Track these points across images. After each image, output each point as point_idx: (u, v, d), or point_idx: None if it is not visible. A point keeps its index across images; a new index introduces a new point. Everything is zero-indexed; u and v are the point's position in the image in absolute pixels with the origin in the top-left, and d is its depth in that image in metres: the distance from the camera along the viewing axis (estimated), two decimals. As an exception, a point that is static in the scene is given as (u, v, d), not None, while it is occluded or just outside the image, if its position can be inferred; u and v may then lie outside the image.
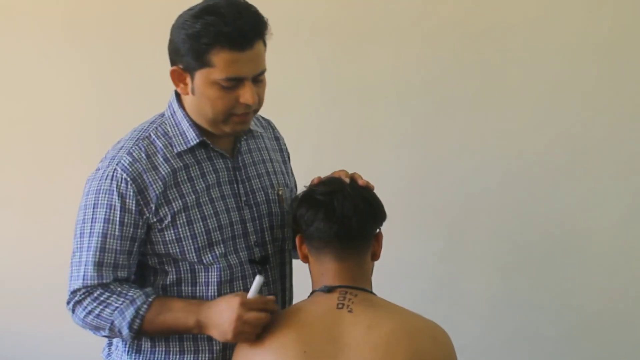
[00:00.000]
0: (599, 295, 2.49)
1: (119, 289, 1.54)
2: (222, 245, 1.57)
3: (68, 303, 1.56)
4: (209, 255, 1.56)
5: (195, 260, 1.56)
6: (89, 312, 1.53)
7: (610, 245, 2.47)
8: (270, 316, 1.48)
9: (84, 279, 1.53)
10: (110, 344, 1.67)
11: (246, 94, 1.49)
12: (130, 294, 1.53)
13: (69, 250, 2.60)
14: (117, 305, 1.52)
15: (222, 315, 1.48)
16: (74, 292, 1.55)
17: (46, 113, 2.71)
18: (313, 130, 2.55)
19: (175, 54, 1.52)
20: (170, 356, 1.59)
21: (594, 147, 2.44)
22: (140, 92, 2.61)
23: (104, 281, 1.53)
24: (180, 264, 1.57)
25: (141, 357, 1.60)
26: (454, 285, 2.56)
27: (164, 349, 1.59)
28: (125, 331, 1.52)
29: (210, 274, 1.57)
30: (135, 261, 1.57)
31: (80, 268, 1.54)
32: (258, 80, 1.52)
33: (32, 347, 2.74)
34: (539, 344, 2.53)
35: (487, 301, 2.56)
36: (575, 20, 2.39)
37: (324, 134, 2.57)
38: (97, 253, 1.52)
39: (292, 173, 1.84)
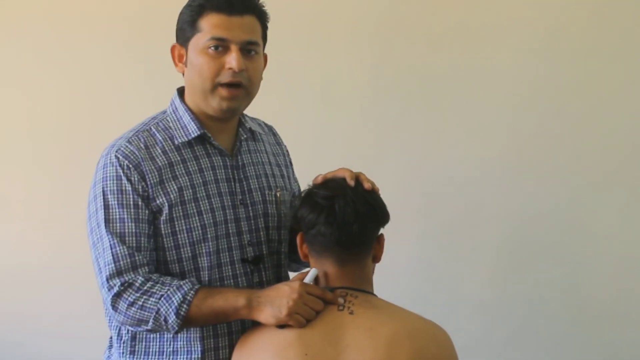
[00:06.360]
0: (599, 295, 2.50)
1: (162, 278, 1.51)
2: (215, 242, 1.57)
3: (108, 293, 1.49)
4: (203, 250, 1.56)
5: (190, 255, 1.55)
6: (132, 304, 1.48)
7: (609, 243, 2.48)
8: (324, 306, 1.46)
9: (115, 261, 1.49)
10: (110, 346, 1.67)
11: (232, 59, 1.51)
12: (175, 282, 1.50)
13: (70, 249, 2.65)
14: (162, 293, 1.48)
15: (281, 291, 1.47)
16: (109, 279, 1.49)
17: (46, 113, 2.71)
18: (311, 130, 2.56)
19: (177, 32, 1.60)
20: (165, 357, 1.58)
21: (595, 147, 2.45)
22: (140, 92, 2.62)
23: (137, 259, 1.49)
24: (170, 266, 1.56)
25: (135, 359, 1.60)
26: (454, 285, 2.56)
27: (157, 349, 1.59)
28: (171, 318, 1.47)
29: (200, 273, 1.56)
30: (153, 247, 1.55)
31: (107, 253, 1.50)
32: (248, 50, 1.54)
33: (33, 346, 2.74)
34: (539, 344, 2.53)
35: (487, 302, 2.56)
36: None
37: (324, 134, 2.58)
38: (119, 238, 1.50)
39: (295, 179, 1.84)
